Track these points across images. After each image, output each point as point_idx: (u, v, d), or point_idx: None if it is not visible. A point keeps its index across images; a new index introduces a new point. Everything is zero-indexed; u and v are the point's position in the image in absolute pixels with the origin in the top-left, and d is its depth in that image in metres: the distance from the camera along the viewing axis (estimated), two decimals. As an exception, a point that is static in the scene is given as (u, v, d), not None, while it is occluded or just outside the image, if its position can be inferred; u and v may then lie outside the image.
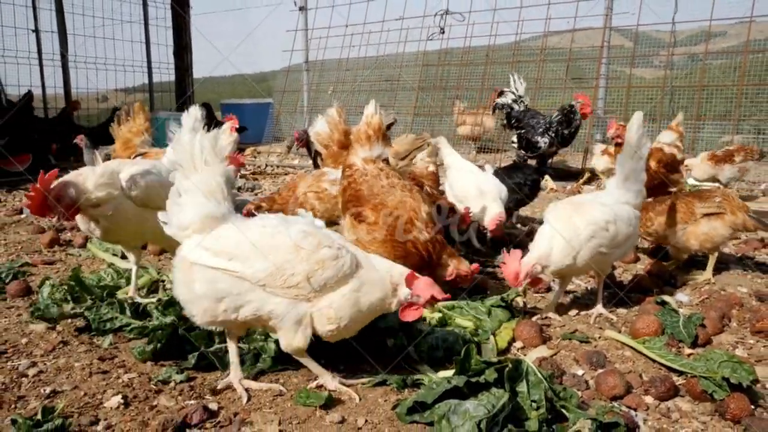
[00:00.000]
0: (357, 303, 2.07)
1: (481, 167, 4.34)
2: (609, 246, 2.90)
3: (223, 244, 2.03)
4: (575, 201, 3.15)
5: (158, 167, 3.15)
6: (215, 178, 2.10)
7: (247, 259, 1.99)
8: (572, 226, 2.86)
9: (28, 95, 8.74)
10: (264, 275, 1.98)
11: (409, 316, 2.18)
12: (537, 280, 2.86)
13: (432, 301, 2.15)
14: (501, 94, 6.89)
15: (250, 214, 3.47)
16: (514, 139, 6.66)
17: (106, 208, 2.88)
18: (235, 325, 2.16)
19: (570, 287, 3.51)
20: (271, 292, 2.01)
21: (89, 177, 2.86)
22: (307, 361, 2.23)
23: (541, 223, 3.09)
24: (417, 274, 2.18)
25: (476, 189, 3.95)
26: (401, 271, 2.17)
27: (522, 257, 2.80)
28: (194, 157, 2.09)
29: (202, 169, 2.10)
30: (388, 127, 3.65)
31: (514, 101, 6.72)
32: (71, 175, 2.88)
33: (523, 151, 6.50)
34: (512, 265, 2.75)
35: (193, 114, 2.17)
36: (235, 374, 2.25)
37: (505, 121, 6.82)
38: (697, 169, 6.07)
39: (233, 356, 2.26)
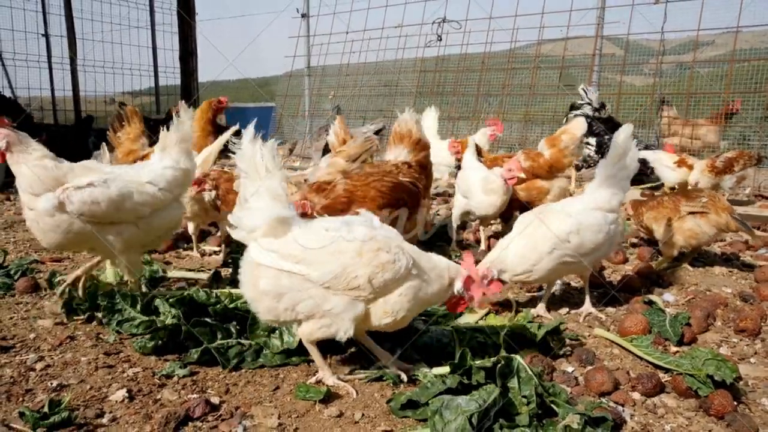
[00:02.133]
0: (413, 298, 2.20)
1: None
2: (575, 255, 2.94)
3: (290, 247, 2.14)
4: (542, 211, 3.15)
5: (111, 177, 2.77)
6: (280, 184, 2.22)
7: (313, 263, 2.11)
8: (532, 238, 2.93)
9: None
10: (329, 278, 2.11)
11: (456, 308, 2.33)
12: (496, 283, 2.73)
13: (483, 297, 2.28)
14: (573, 107, 6.84)
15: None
16: (591, 141, 6.61)
17: (35, 200, 2.63)
18: (294, 323, 2.28)
19: (561, 287, 3.60)
20: (333, 292, 2.14)
21: (38, 156, 2.67)
22: (315, 352, 2.31)
23: None
24: (473, 273, 2.30)
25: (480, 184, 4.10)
26: (458, 268, 2.32)
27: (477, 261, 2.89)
28: (257, 166, 2.21)
29: (264, 177, 2.21)
30: (377, 132, 3.82)
31: (596, 110, 6.66)
32: (38, 147, 2.72)
33: (596, 156, 6.47)
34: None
35: (251, 128, 2.27)
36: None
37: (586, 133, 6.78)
38: (694, 178, 5.85)
39: (374, 349, 2.40)
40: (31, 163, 2.67)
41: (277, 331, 2.57)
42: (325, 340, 2.25)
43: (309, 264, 2.11)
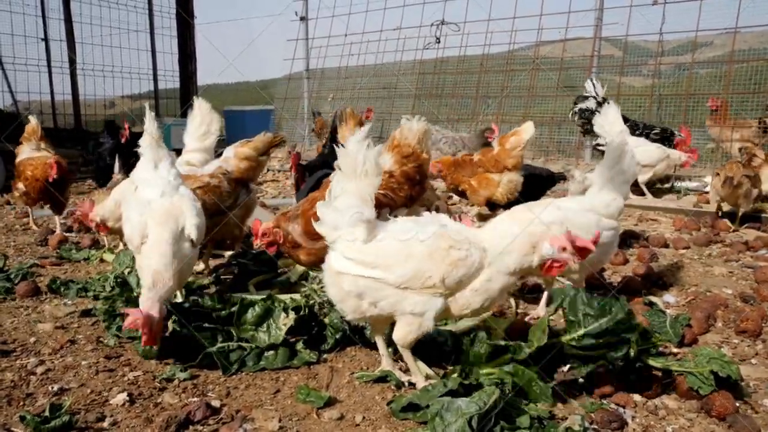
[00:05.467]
0: (488, 290, 2.20)
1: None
2: None
3: (365, 254, 2.22)
4: (533, 205, 3.05)
5: None
6: (368, 190, 2.26)
7: (387, 267, 2.19)
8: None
9: None
10: (403, 281, 2.18)
11: (551, 271, 2.24)
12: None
13: (581, 252, 2.18)
14: (580, 99, 6.76)
15: None
16: (602, 141, 6.50)
17: None
18: (377, 320, 2.35)
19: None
20: (411, 292, 2.19)
21: None
22: (409, 357, 2.33)
23: None
24: (560, 240, 2.19)
25: None
26: (540, 229, 2.25)
27: None
28: (356, 167, 2.24)
29: (360, 179, 2.25)
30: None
31: (599, 104, 6.60)
32: None
33: None
34: None
35: (365, 129, 2.30)
36: (387, 362, 2.38)
37: (587, 127, 6.68)
38: None
39: (382, 348, 2.41)
40: None
41: (264, 325, 2.57)
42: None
43: (384, 268, 2.18)
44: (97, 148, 6.26)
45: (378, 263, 2.19)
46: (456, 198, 6.04)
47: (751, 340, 2.87)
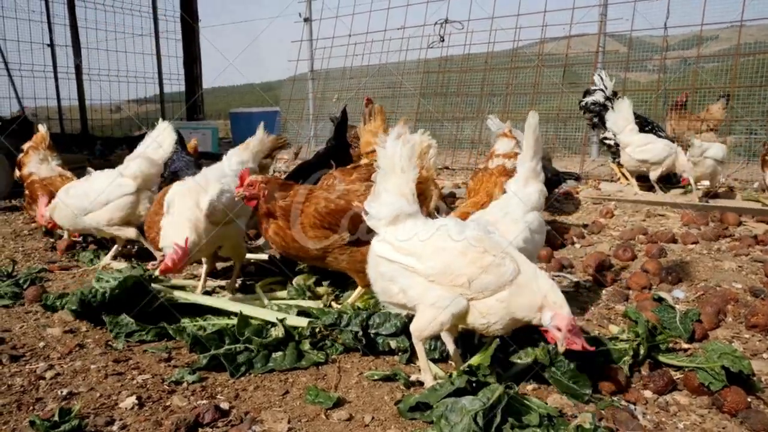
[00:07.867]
0: (509, 306, 2.20)
1: None
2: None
3: (402, 241, 2.32)
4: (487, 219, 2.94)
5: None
6: (408, 185, 2.38)
7: (420, 257, 2.25)
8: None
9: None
10: (433, 273, 2.23)
11: (546, 337, 2.25)
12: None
13: (569, 343, 2.15)
14: (588, 92, 6.65)
15: None
16: (609, 135, 6.42)
17: None
18: (400, 307, 2.41)
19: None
20: (438, 285, 2.23)
21: None
22: (422, 352, 2.34)
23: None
24: (565, 320, 2.18)
25: None
26: (555, 300, 2.20)
27: None
28: (394, 165, 2.37)
29: (398, 175, 2.38)
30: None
31: (607, 99, 6.48)
32: None
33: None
34: None
35: (399, 127, 2.42)
36: (426, 376, 2.37)
37: (595, 120, 6.60)
38: None
39: (422, 358, 2.40)
40: None
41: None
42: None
43: (418, 257, 2.25)
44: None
45: (412, 251, 2.26)
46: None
47: (762, 335, 2.84)
